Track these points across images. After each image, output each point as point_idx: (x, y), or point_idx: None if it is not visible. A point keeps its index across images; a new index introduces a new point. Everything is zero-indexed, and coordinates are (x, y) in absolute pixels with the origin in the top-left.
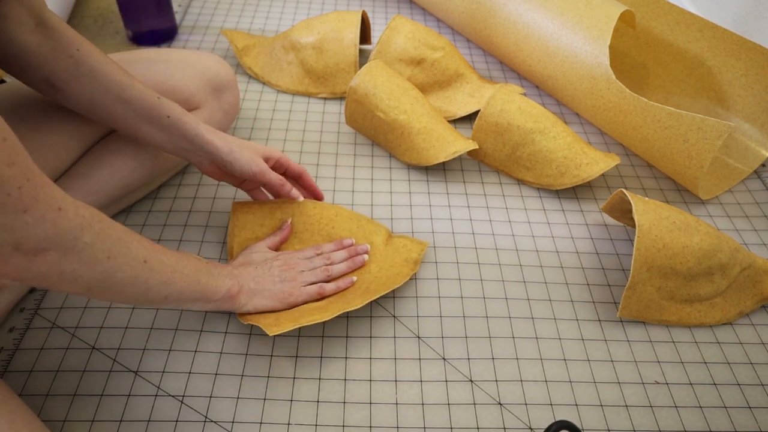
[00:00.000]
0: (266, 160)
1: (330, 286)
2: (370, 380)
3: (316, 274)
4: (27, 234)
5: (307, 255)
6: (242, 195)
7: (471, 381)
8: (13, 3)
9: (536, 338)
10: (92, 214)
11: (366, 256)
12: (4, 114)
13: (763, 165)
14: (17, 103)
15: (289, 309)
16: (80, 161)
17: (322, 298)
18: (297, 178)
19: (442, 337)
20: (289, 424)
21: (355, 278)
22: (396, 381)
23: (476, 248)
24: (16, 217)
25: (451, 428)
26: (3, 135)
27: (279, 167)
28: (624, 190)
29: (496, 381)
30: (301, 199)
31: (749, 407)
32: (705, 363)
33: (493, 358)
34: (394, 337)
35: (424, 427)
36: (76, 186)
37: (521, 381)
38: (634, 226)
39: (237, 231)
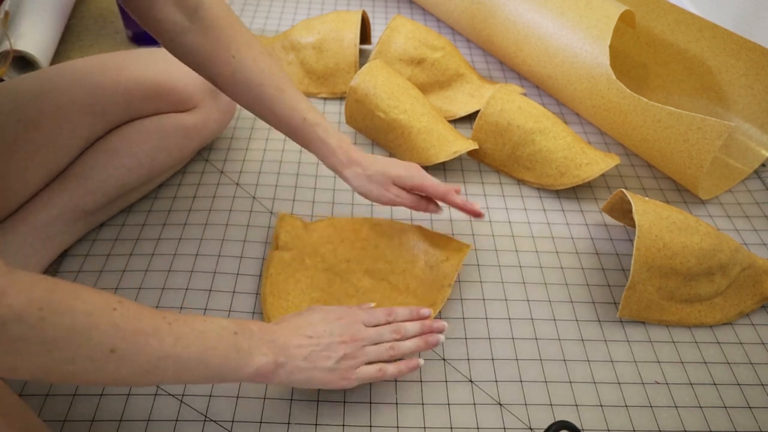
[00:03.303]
0: (400, 182)
1: (391, 370)
2: None
3: (379, 353)
4: None
5: (376, 320)
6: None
7: (471, 381)
8: (163, 5)
9: (536, 339)
10: (31, 302)
11: (442, 337)
12: (2, 113)
13: (763, 165)
14: (16, 103)
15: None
16: (78, 161)
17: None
18: (442, 198)
19: None
20: (289, 423)
21: (422, 362)
22: (396, 381)
23: (476, 250)
24: None
25: (451, 428)
26: None
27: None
28: (624, 190)
29: (496, 381)
30: (440, 212)
31: (749, 407)
32: (705, 363)
33: (492, 359)
34: None
35: (424, 427)
36: (73, 186)
37: (521, 381)
38: (634, 226)
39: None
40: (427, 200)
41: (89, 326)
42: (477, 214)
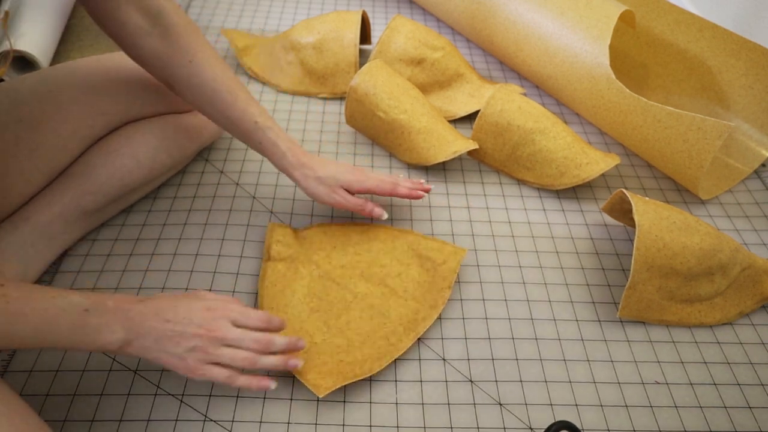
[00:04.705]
0: (348, 187)
1: (241, 381)
2: (370, 380)
3: (234, 359)
4: None
5: (247, 321)
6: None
7: (471, 381)
8: (127, 8)
9: (536, 339)
10: None
11: (300, 363)
12: (3, 113)
13: (763, 165)
14: (17, 103)
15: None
16: (79, 161)
17: None
18: (390, 194)
19: (442, 339)
20: (289, 423)
21: (274, 386)
22: (396, 381)
23: (476, 250)
24: None
25: (451, 428)
26: None
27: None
28: (624, 190)
29: (496, 381)
30: (385, 216)
31: (749, 407)
32: (705, 363)
33: (493, 359)
34: None
35: (424, 427)
36: (74, 186)
37: (521, 381)
38: (634, 226)
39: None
40: (372, 204)
41: None
42: (423, 191)
